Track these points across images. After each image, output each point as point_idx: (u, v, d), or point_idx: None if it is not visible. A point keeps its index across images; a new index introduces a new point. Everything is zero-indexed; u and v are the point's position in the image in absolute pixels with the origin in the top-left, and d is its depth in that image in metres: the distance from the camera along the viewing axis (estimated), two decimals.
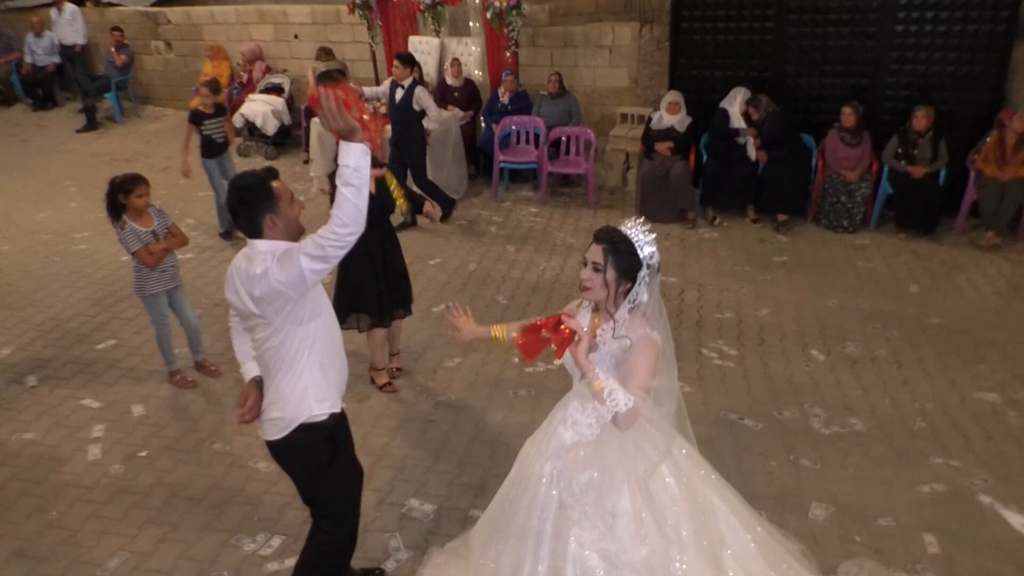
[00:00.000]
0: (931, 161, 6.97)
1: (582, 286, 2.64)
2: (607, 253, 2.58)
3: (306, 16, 10.54)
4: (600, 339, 2.69)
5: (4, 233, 7.66)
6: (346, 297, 4.65)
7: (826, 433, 4.46)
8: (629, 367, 2.57)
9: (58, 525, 3.80)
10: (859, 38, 7.54)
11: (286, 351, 2.75)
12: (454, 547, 3.45)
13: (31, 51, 11.84)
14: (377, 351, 4.91)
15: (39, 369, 5.22)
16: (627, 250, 2.59)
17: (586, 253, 2.65)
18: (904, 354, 5.24)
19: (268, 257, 2.63)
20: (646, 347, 2.58)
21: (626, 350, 2.61)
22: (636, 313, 2.66)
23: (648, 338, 2.60)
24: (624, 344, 2.62)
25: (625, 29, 8.67)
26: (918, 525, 3.72)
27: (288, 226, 2.76)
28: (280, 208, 2.71)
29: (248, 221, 2.71)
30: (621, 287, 2.62)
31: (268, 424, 2.86)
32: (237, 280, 2.71)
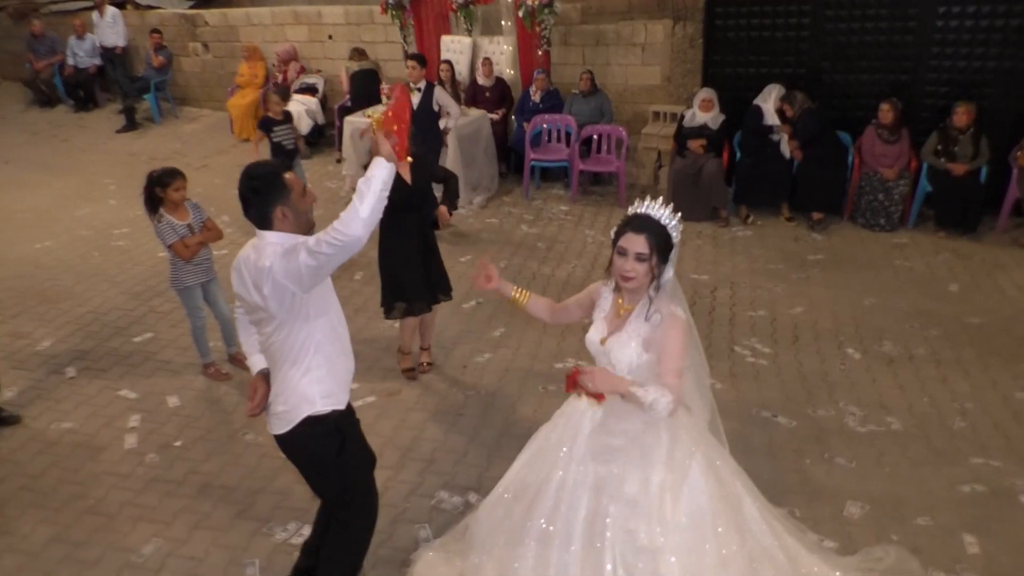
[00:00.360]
0: (972, 158, 6.83)
1: (625, 277, 2.61)
2: (651, 242, 2.58)
3: (340, 17, 10.63)
4: (629, 320, 2.69)
5: (46, 229, 7.82)
6: (391, 287, 4.75)
7: (862, 431, 4.38)
8: (660, 349, 2.57)
9: (95, 511, 3.87)
10: (898, 33, 7.41)
11: (290, 346, 2.75)
12: (445, 543, 3.42)
13: (73, 53, 12.08)
14: (407, 336, 4.97)
15: (78, 361, 5.32)
16: (664, 235, 2.60)
17: (620, 243, 2.62)
18: (943, 353, 5.14)
19: (277, 250, 2.63)
20: (673, 326, 2.59)
21: (656, 327, 2.61)
22: (662, 292, 2.66)
23: (673, 316, 2.60)
24: (655, 321, 2.62)
25: (658, 27, 8.62)
26: (957, 525, 3.64)
27: (298, 219, 2.76)
28: (291, 200, 2.71)
29: (259, 211, 2.71)
30: (658, 269, 2.62)
31: (274, 418, 2.86)
32: (245, 271, 2.71)
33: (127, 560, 3.54)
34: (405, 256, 4.66)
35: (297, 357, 2.76)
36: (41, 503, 3.94)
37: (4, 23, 13.30)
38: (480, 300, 6.07)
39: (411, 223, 4.61)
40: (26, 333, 5.66)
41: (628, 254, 2.59)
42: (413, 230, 4.64)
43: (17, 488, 4.06)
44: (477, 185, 8.37)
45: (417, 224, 4.67)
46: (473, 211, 8.06)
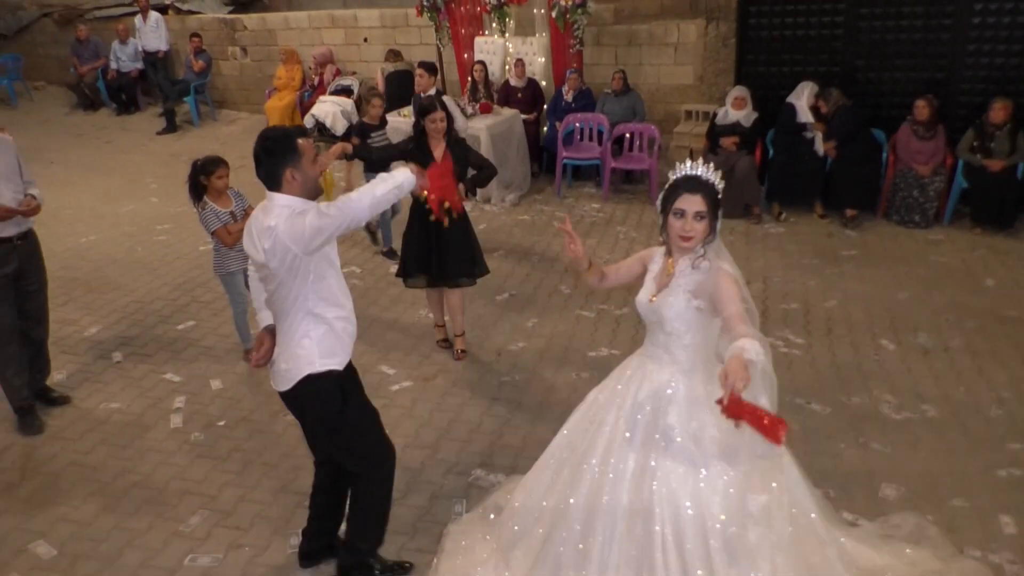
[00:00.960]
0: (1009, 154, 6.79)
1: (684, 237, 2.70)
2: (707, 200, 2.68)
3: (375, 20, 10.82)
4: (678, 270, 2.78)
5: (90, 225, 8.04)
6: (410, 258, 5.05)
7: (897, 418, 4.38)
8: (718, 294, 2.64)
9: (143, 485, 4.00)
10: (933, 31, 7.40)
11: (291, 304, 2.86)
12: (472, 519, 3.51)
13: (116, 58, 12.40)
14: (433, 307, 5.33)
15: (124, 346, 5.48)
16: (714, 192, 2.71)
17: (676, 205, 2.71)
18: (979, 345, 5.12)
19: (285, 212, 2.76)
20: (721, 275, 2.67)
21: (705, 273, 2.70)
22: (710, 245, 2.74)
23: (721, 269, 2.68)
24: (704, 267, 2.70)
25: (691, 27, 8.67)
26: (994, 507, 3.64)
27: (307, 184, 2.86)
28: (302, 164, 2.83)
29: (269, 171, 2.83)
30: (714, 224, 2.73)
31: (277, 375, 2.97)
32: (254, 230, 2.85)
33: (175, 529, 3.67)
34: (423, 234, 4.91)
35: (297, 316, 2.87)
36: (91, 477, 4.08)
37: (49, 29, 13.69)
38: (513, 292, 6.15)
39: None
40: (74, 320, 5.84)
41: (687, 215, 2.68)
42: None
43: (67, 463, 4.20)
44: (510, 183, 8.45)
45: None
46: (506, 208, 8.15)
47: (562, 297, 6.09)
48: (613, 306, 5.85)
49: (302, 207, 2.79)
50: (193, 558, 3.49)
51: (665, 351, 2.83)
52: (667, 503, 2.69)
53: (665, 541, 2.68)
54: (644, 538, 2.72)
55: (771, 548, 2.68)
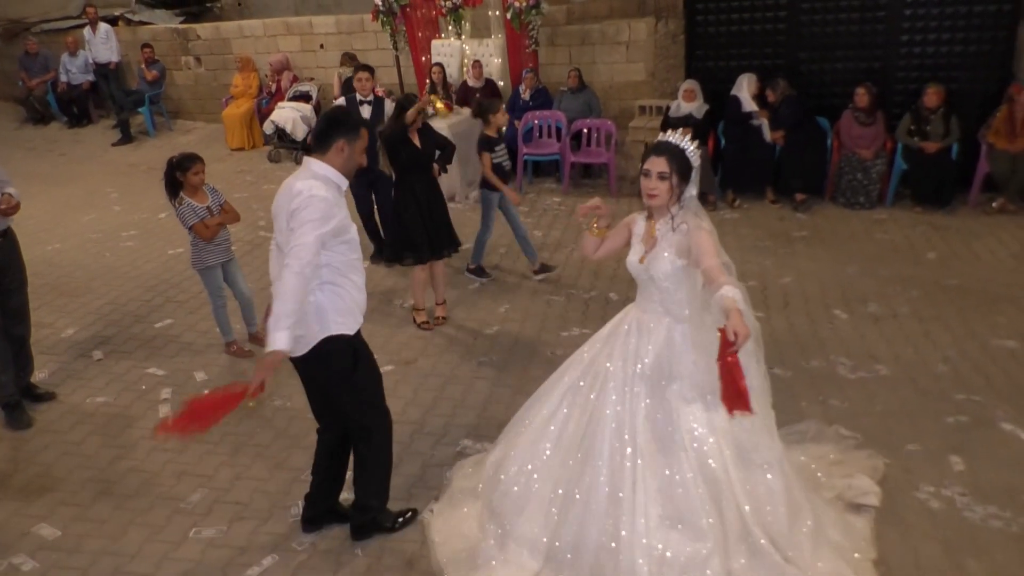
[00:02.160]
0: (943, 137, 7.22)
1: (649, 194, 2.98)
2: (670, 162, 2.94)
3: (331, 26, 10.95)
4: (659, 234, 3.04)
5: (53, 233, 8.03)
6: (402, 240, 5.47)
7: (852, 378, 4.69)
8: (698, 250, 2.90)
9: (139, 470, 4.10)
10: (869, 22, 7.83)
11: None
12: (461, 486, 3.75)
13: (66, 70, 12.30)
14: (419, 291, 5.60)
15: (103, 345, 5.54)
16: (681, 156, 2.95)
17: (644, 166, 2.98)
18: (924, 311, 5.47)
19: (312, 184, 2.97)
20: (699, 232, 2.93)
21: (684, 234, 2.96)
22: (686, 208, 2.99)
23: (700, 228, 2.95)
24: (683, 230, 2.96)
25: (641, 25, 9.00)
26: (944, 449, 3.95)
27: (347, 163, 3.11)
28: (357, 145, 3.07)
29: (324, 136, 3.06)
30: (679, 188, 2.96)
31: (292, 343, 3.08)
32: (283, 192, 3.07)
33: (176, 507, 3.78)
34: (415, 211, 5.38)
35: (312, 286, 3.01)
36: (86, 464, 4.17)
37: None
38: (483, 282, 6.35)
39: (421, 182, 5.45)
40: (49, 323, 5.87)
41: (651, 174, 2.96)
42: (421, 188, 5.44)
43: (61, 453, 4.28)
44: (472, 180, 8.65)
45: (425, 183, 5.47)
46: (470, 205, 8.35)
47: (532, 283, 6.30)
48: (581, 290, 6.10)
49: (324, 183, 3.00)
50: (198, 531, 3.61)
51: (660, 304, 3.12)
52: (685, 434, 3.00)
53: (688, 466, 2.98)
54: (668, 467, 3.01)
55: (778, 458, 3.08)
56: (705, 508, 2.96)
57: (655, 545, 2.96)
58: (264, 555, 3.46)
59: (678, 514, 2.98)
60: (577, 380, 3.31)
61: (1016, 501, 3.55)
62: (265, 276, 6.39)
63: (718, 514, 2.98)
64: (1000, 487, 3.64)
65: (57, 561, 3.48)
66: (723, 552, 2.97)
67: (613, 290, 6.03)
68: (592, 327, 5.45)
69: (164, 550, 3.52)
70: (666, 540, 2.96)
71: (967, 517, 3.48)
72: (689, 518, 2.97)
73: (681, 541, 2.96)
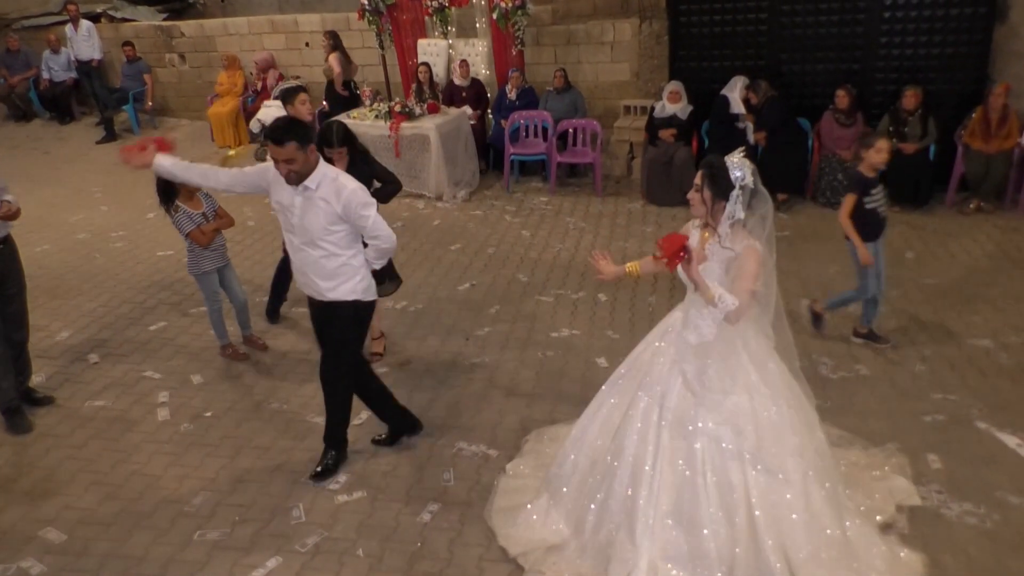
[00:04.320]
0: (921, 138, 7.40)
1: (690, 203, 3.19)
2: (704, 176, 3.10)
3: (317, 24, 10.96)
4: (709, 251, 3.19)
5: (42, 234, 8.03)
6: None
7: (833, 378, 4.85)
8: (736, 272, 3.06)
9: (142, 473, 4.18)
10: (849, 25, 7.99)
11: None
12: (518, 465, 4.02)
13: (48, 67, 12.23)
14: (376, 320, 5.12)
15: (98, 348, 5.60)
16: (720, 174, 3.08)
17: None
18: (903, 310, 5.64)
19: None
20: (750, 255, 3.07)
21: (732, 259, 3.10)
22: (738, 227, 3.11)
23: (751, 247, 3.08)
24: (729, 255, 3.11)
25: (625, 25, 9.11)
26: (922, 447, 4.11)
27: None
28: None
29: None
30: (717, 204, 3.10)
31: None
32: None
33: (180, 510, 3.87)
34: None
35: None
36: (88, 468, 4.24)
37: None
38: (474, 283, 6.45)
39: None
40: (43, 326, 5.90)
41: (694, 185, 3.15)
42: None
43: (63, 457, 4.35)
44: (460, 180, 8.75)
45: None
46: (458, 204, 8.45)
47: (520, 284, 6.42)
48: (570, 290, 6.22)
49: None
50: (202, 534, 3.71)
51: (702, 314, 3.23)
52: (701, 436, 3.16)
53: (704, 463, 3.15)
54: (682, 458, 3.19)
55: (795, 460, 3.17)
56: (709, 512, 3.11)
57: (661, 538, 3.16)
58: (268, 557, 3.56)
59: (686, 512, 3.16)
60: (625, 372, 3.53)
61: (991, 498, 3.72)
62: (257, 277, 6.53)
63: (727, 519, 3.12)
64: (975, 485, 3.81)
65: (65, 564, 3.56)
66: (730, 554, 3.11)
67: (602, 291, 6.15)
68: (581, 329, 5.61)
69: (170, 552, 3.61)
70: (670, 537, 3.15)
71: (943, 514, 3.64)
72: (695, 519, 3.13)
73: (684, 539, 3.14)
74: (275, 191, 3.74)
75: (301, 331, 5.60)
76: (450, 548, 3.57)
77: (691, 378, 3.23)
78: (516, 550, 3.48)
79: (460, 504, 3.84)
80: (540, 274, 6.61)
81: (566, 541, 3.44)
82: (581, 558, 3.36)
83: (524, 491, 3.78)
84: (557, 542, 3.45)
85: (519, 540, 3.51)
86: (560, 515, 3.51)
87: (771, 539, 3.09)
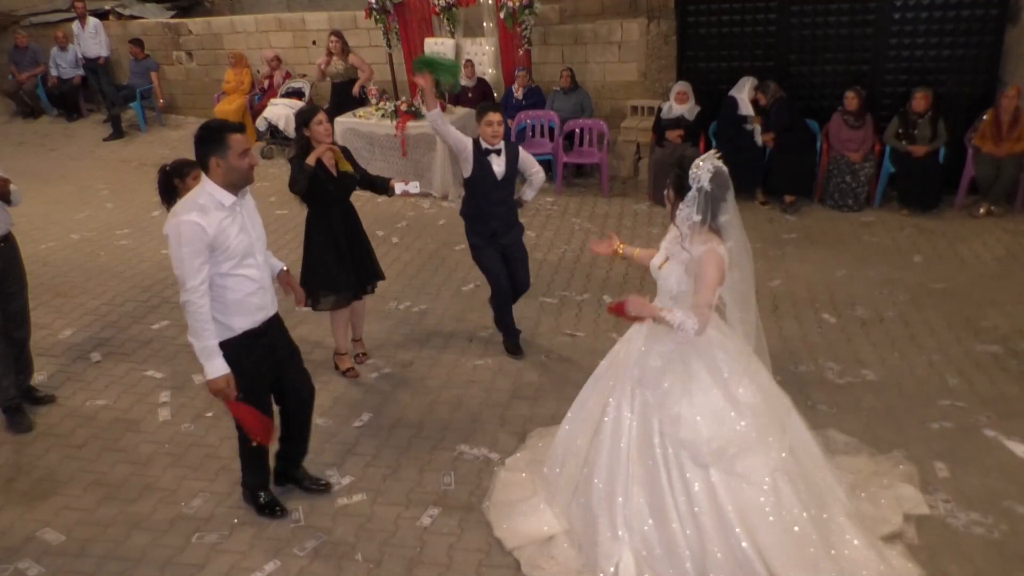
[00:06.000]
0: (931, 140, 7.33)
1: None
2: (671, 175, 3.10)
3: (324, 23, 10.94)
4: (670, 250, 3.19)
5: (47, 232, 8.03)
6: (320, 279, 4.74)
7: (840, 383, 4.80)
8: (697, 280, 3.02)
9: (141, 474, 4.16)
10: (859, 26, 7.92)
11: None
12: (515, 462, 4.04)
13: (56, 64, 12.26)
14: (340, 334, 5.03)
15: (101, 347, 5.58)
16: (680, 173, 3.06)
17: None
18: (911, 315, 5.58)
19: (190, 202, 3.31)
20: (708, 260, 3.01)
21: (693, 261, 3.06)
22: (700, 229, 3.05)
23: (711, 251, 3.02)
24: (686, 256, 3.07)
25: (633, 25, 9.06)
26: (929, 455, 4.06)
27: (229, 175, 3.24)
28: (228, 156, 3.21)
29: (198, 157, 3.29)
30: (677, 204, 3.08)
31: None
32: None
33: (178, 512, 3.85)
34: (333, 250, 4.70)
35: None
36: (88, 468, 4.22)
37: None
38: (478, 283, 6.41)
39: (336, 215, 4.71)
40: (46, 324, 5.90)
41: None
42: (338, 221, 4.72)
43: (63, 457, 4.33)
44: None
45: (342, 215, 4.75)
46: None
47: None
48: (574, 292, 6.18)
49: (218, 200, 3.23)
50: (200, 536, 3.68)
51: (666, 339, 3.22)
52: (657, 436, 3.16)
53: (667, 459, 3.14)
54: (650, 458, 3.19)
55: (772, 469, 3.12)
56: (677, 510, 3.13)
57: (639, 532, 3.21)
58: (267, 560, 3.53)
59: (656, 507, 3.19)
60: (604, 368, 3.53)
61: (999, 508, 3.66)
62: None
63: (691, 517, 3.12)
64: (983, 494, 3.75)
65: (63, 566, 3.54)
66: (700, 551, 3.11)
67: (607, 292, 6.11)
68: (585, 331, 5.57)
69: (168, 555, 3.58)
70: (645, 531, 3.21)
71: (950, 524, 3.58)
72: (664, 513, 3.16)
73: (657, 534, 3.19)
74: None
75: (303, 331, 5.57)
76: (449, 553, 3.54)
77: (652, 396, 3.22)
78: (513, 543, 3.52)
79: (460, 509, 3.80)
80: (545, 275, 6.56)
81: (560, 535, 3.48)
82: (574, 552, 3.40)
83: (522, 485, 3.82)
84: (552, 536, 3.49)
85: (516, 533, 3.56)
86: (554, 510, 3.55)
87: (745, 541, 3.07)
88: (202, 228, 3.14)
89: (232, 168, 3.19)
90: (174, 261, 3.19)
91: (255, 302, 3.41)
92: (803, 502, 3.15)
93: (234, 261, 3.28)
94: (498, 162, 4.91)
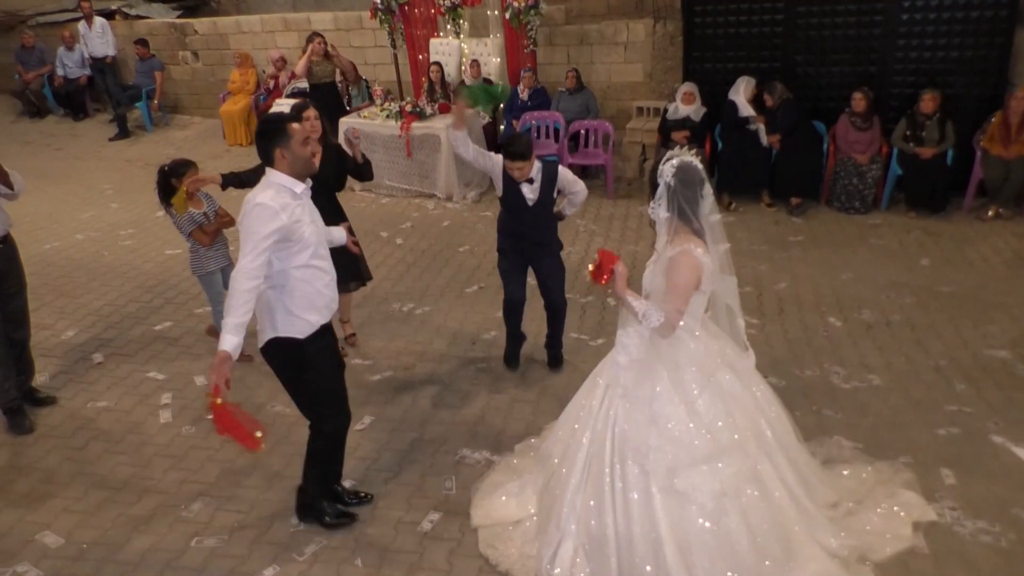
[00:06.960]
0: (938, 142, 7.27)
1: None
2: (651, 174, 3.06)
3: (329, 23, 10.93)
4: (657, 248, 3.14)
5: (51, 231, 8.04)
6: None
7: (846, 388, 4.75)
8: (669, 283, 2.97)
9: (141, 476, 4.15)
10: (866, 27, 7.85)
11: None
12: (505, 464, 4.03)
13: (62, 64, 12.29)
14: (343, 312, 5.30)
15: (103, 348, 5.57)
16: (655, 169, 3.02)
17: None
18: (917, 319, 5.53)
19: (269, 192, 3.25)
20: (681, 260, 2.95)
21: (663, 261, 3.02)
22: (676, 227, 3.01)
23: (686, 252, 2.95)
24: (672, 252, 3.01)
25: (639, 26, 9.01)
26: (935, 462, 4.01)
27: (295, 163, 3.25)
28: (291, 145, 3.22)
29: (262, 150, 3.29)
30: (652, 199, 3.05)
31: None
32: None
33: (178, 515, 3.83)
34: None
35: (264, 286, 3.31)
36: (88, 471, 4.21)
37: None
38: (482, 285, 6.39)
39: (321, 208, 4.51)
40: (49, 325, 5.89)
41: None
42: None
43: (63, 459, 4.32)
44: (470, 181, 8.69)
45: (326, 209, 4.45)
46: (468, 205, 8.39)
47: (529, 288, 6.32)
48: (578, 294, 6.14)
49: (289, 189, 3.22)
50: (199, 540, 3.66)
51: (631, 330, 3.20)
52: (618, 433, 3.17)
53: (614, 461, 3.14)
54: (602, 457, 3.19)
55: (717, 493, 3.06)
56: (614, 515, 3.13)
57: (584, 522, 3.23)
58: (265, 565, 3.51)
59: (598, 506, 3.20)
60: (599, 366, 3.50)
61: (1006, 516, 3.61)
62: None
63: (626, 523, 3.11)
64: (990, 502, 3.71)
65: (61, 569, 3.53)
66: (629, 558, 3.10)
67: (610, 295, 6.07)
68: (589, 334, 5.53)
69: (167, 559, 3.57)
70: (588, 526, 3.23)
71: (957, 532, 3.54)
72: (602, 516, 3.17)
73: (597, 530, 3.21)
74: None
75: None
76: (449, 559, 3.51)
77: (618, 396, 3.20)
78: (477, 521, 3.62)
79: (461, 514, 3.77)
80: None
81: (527, 520, 3.55)
82: (531, 537, 3.45)
83: (515, 471, 3.89)
84: (519, 520, 3.56)
85: (486, 513, 3.64)
86: (532, 496, 3.62)
87: (672, 558, 3.02)
88: (275, 211, 3.13)
89: (297, 157, 3.22)
90: (242, 241, 3.15)
91: (328, 295, 3.42)
92: (754, 534, 3.09)
93: (310, 251, 3.28)
94: (530, 189, 4.75)
